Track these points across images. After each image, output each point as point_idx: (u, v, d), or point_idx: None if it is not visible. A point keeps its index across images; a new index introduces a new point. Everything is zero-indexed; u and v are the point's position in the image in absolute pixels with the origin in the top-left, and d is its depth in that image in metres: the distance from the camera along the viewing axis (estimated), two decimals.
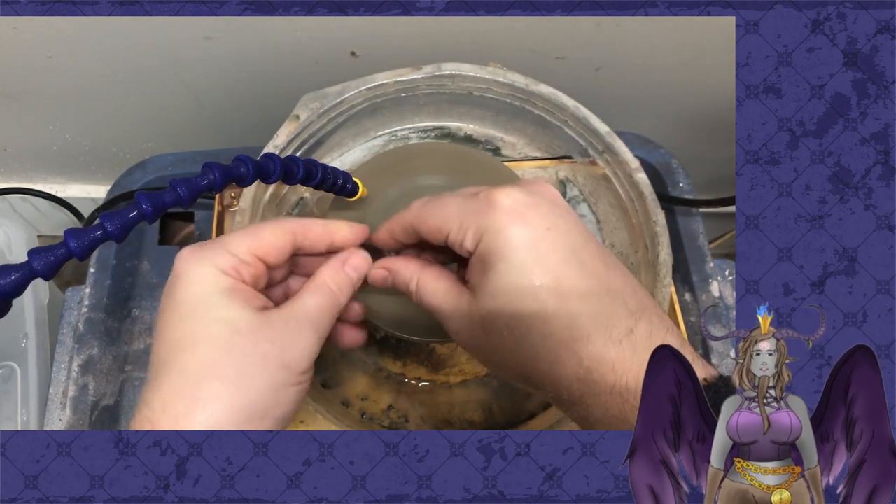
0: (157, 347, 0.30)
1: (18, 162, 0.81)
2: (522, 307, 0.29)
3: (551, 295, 0.29)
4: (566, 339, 0.29)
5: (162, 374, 0.29)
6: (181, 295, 0.30)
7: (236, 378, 0.29)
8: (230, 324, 0.29)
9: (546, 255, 0.29)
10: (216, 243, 0.31)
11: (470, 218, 0.31)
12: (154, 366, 0.30)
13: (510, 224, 0.30)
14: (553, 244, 0.30)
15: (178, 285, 0.30)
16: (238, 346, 0.29)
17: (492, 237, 0.30)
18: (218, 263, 0.31)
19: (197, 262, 0.30)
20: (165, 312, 0.30)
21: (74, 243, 0.27)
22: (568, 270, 0.29)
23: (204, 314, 0.30)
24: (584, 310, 0.29)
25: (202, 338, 0.29)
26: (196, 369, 0.29)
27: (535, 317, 0.29)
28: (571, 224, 0.31)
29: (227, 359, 0.29)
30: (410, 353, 0.48)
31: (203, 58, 0.61)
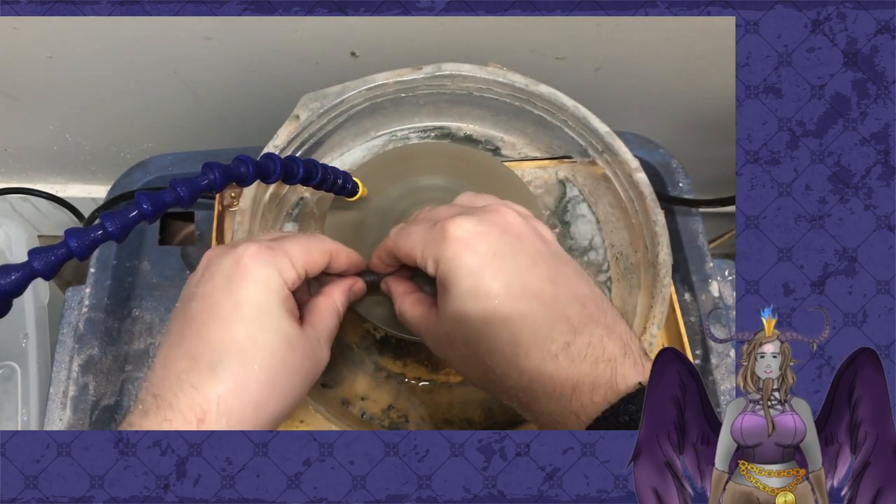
0: (213, 337, 0.31)
1: (19, 162, 0.81)
2: (472, 327, 0.33)
3: (495, 316, 0.32)
4: (509, 355, 0.32)
5: (220, 369, 0.30)
6: (247, 294, 0.32)
7: (282, 388, 0.32)
8: (286, 338, 0.32)
9: (490, 280, 0.33)
10: (281, 251, 0.33)
11: (429, 248, 0.34)
12: (207, 355, 0.31)
13: (459, 253, 0.33)
14: (497, 269, 0.33)
15: (244, 283, 0.32)
16: (290, 360, 0.32)
17: (445, 265, 0.33)
18: (284, 275, 0.33)
19: (266, 266, 0.32)
20: (224, 303, 0.31)
21: (75, 243, 0.27)
22: (510, 293, 0.32)
23: (267, 323, 0.32)
24: (524, 328, 0.32)
25: (264, 347, 0.31)
26: (254, 375, 0.31)
27: (482, 335, 0.33)
28: (519, 249, 0.34)
29: (280, 370, 0.32)
30: (410, 353, 0.48)
31: (203, 58, 0.61)
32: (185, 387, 0.30)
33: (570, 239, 0.52)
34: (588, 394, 0.30)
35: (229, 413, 0.30)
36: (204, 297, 0.32)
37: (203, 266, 0.34)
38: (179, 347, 0.31)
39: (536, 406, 0.32)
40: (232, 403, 0.30)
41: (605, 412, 0.29)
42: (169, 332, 0.33)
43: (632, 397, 0.29)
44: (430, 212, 0.38)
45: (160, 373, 0.31)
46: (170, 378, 0.30)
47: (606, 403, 0.29)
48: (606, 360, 0.31)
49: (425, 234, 0.35)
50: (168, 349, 0.32)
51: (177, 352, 0.31)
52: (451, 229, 0.33)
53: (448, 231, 0.33)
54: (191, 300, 0.32)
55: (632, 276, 0.49)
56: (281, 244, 0.34)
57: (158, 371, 0.31)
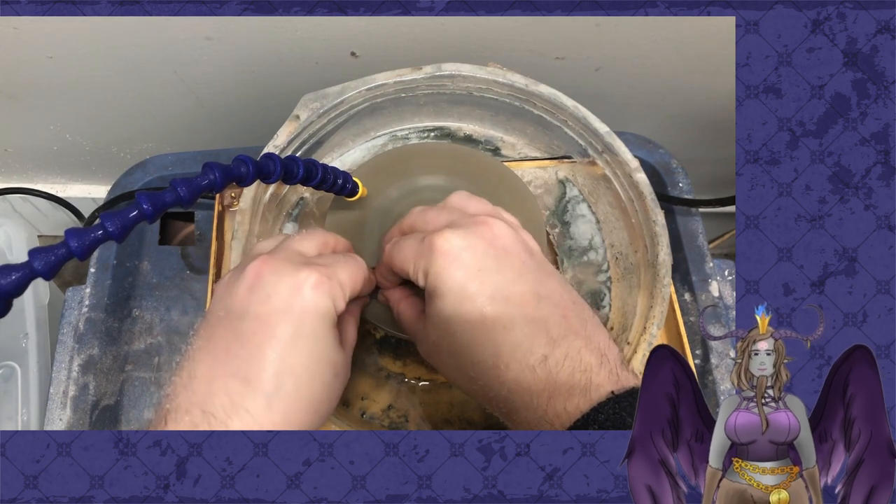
0: (267, 362, 0.31)
1: (19, 162, 0.81)
2: (456, 338, 0.34)
3: (479, 328, 0.33)
4: (491, 366, 0.33)
5: (278, 398, 0.31)
6: (308, 327, 0.32)
7: (325, 410, 0.34)
8: (334, 367, 0.34)
9: (475, 293, 0.33)
10: (336, 282, 0.34)
11: (419, 261, 0.35)
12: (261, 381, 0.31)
13: (446, 267, 0.34)
14: (482, 283, 0.34)
15: (308, 315, 0.32)
16: (333, 386, 0.34)
17: (433, 278, 0.34)
18: (337, 305, 0.34)
19: (326, 299, 0.33)
20: (283, 330, 0.32)
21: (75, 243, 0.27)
22: (493, 306, 0.33)
23: (321, 355, 0.33)
24: (505, 341, 0.33)
25: (317, 377, 0.32)
26: (306, 405, 0.32)
27: (465, 346, 0.34)
28: (504, 262, 0.35)
29: (325, 396, 0.33)
30: (410, 353, 0.48)
31: (203, 58, 0.61)
32: (240, 411, 0.30)
33: (569, 239, 0.52)
34: (562, 403, 0.31)
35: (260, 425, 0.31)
36: (259, 318, 0.32)
37: (253, 280, 0.33)
38: (229, 365, 0.31)
39: (515, 415, 0.33)
40: (281, 425, 0.31)
41: (577, 421, 0.30)
42: (213, 342, 0.32)
43: (602, 406, 0.30)
44: (420, 215, 0.39)
45: (206, 386, 0.31)
46: (220, 396, 0.30)
47: (579, 413, 0.30)
48: (582, 370, 0.32)
49: (415, 247, 0.36)
50: (214, 363, 0.31)
51: (226, 368, 0.31)
52: (439, 243, 0.34)
53: (436, 245, 0.34)
54: (242, 317, 0.32)
55: (631, 276, 0.49)
56: (335, 272, 0.34)
57: (203, 383, 0.31)
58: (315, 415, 0.33)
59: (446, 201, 0.40)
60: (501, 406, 0.34)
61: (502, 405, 0.33)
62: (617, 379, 0.32)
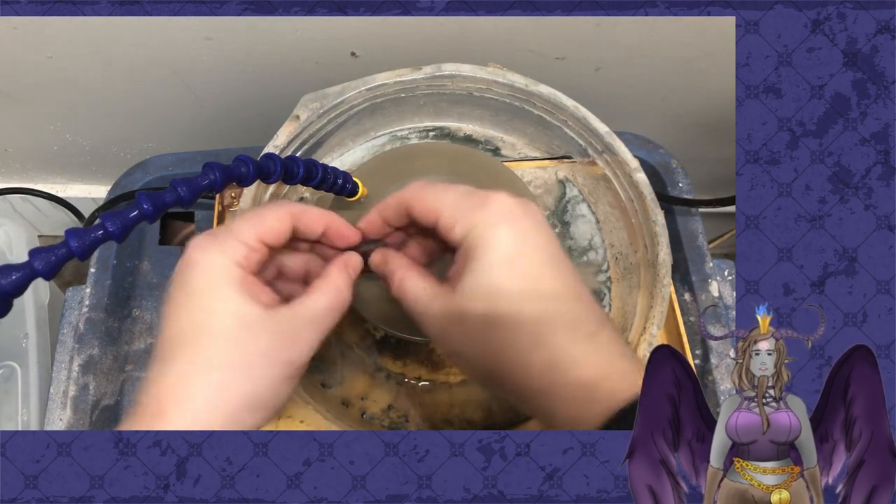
0: (167, 332, 0.31)
1: (19, 162, 0.81)
2: (499, 298, 0.31)
3: (527, 290, 0.31)
4: (536, 332, 0.31)
5: (170, 361, 0.30)
6: (194, 283, 0.31)
7: (242, 369, 0.30)
8: (239, 318, 0.30)
9: (527, 256, 0.32)
10: (226, 232, 0.32)
11: (462, 210, 0.33)
12: (161, 350, 0.31)
13: (500, 223, 0.32)
14: (535, 248, 0.32)
15: (191, 273, 0.31)
16: (244, 340, 0.30)
17: (480, 231, 0.32)
18: (229, 254, 0.31)
19: (209, 252, 0.31)
20: (177, 298, 0.31)
21: (75, 243, 0.27)
22: (544, 273, 0.32)
23: (215, 306, 0.30)
24: (555, 309, 0.31)
25: (212, 329, 0.30)
26: (205, 358, 0.30)
27: (509, 306, 0.31)
28: (552, 240, 0.33)
29: (234, 351, 0.30)
30: (410, 353, 0.48)
31: (203, 58, 0.61)
32: (148, 384, 0.30)
33: (569, 239, 0.52)
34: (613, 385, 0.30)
35: (186, 400, 0.29)
36: (167, 300, 0.32)
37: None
38: (154, 353, 0.31)
39: (556, 389, 0.30)
40: (187, 390, 0.29)
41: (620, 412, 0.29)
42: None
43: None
44: (430, 185, 0.35)
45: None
46: (144, 382, 0.31)
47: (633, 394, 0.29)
48: (625, 354, 0.31)
49: (461, 196, 0.33)
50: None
51: (153, 357, 0.31)
52: (495, 199, 0.32)
53: (490, 199, 0.32)
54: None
55: (631, 276, 0.49)
56: (227, 224, 0.33)
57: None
58: (231, 370, 0.30)
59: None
60: (540, 380, 0.31)
61: (542, 379, 0.31)
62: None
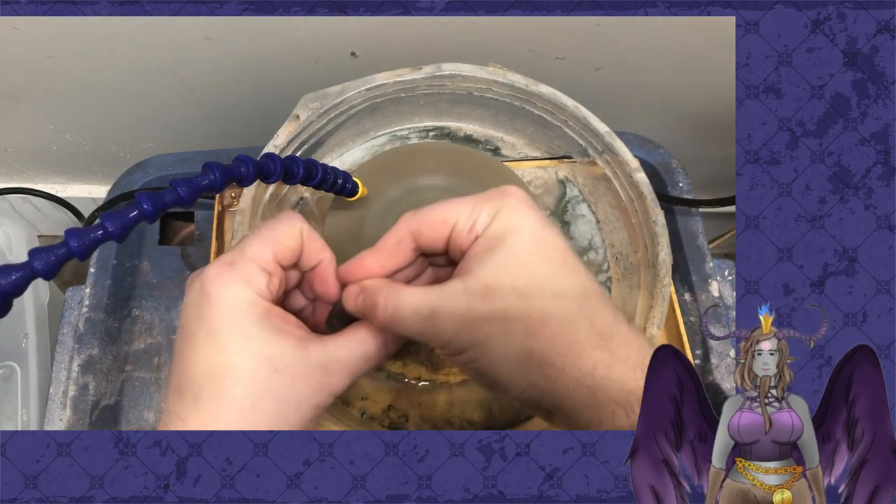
0: (189, 368, 0.30)
1: (19, 162, 0.81)
2: (533, 268, 0.30)
3: (562, 262, 0.31)
4: (580, 303, 0.30)
5: (202, 400, 0.29)
6: (217, 320, 0.29)
7: (275, 415, 0.30)
8: (269, 361, 0.29)
9: (552, 238, 0.32)
10: (243, 259, 0.31)
11: (482, 203, 0.32)
12: (184, 386, 0.30)
13: (522, 208, 0.32)
14: (556, 234, 0.32)
15: (211, 309, 0.30)
16: (277, 385, 0.30)
17: (506, 216, 0.31)
18: (253, 285, 0.30)
19: (231, 286, 0.30)
20: (199, 334, 0.30)
21: (75, 243, 0.27)
22: (571, 254, 0.32)
23: (244, 348, 0.29)
24: (593, 285, 0.31)
25: (244, 373, 0.29)
26: (239, 404, 0.29)
27: (546, 277, 0.30)
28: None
29: (267, 397, 0.29)
30: (410, 353, 0.48)
31: (203, 58, 0.61)
32: (174, 419, 0.29)
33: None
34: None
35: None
36: (182, 329, 0.31)
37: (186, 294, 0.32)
38: (170, 381, 0.31)
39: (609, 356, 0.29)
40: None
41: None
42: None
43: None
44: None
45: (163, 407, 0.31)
46: (166, 411, 0.30)
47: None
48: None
49: (472, 198, 0.32)
50: (166, 383, 0.32)
51: (168, 386, 0.31)
52: (514, 189, 0.32)
53: (509, 189, 0.32)
54: (177, 332, 0.31)
55: (632, 276, 0.49)
56: (241, 250, 0.31)
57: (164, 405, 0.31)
58: (259, 416, 0.29)
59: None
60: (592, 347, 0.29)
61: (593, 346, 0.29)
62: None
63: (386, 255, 0.33)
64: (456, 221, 0.32)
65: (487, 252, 0.31)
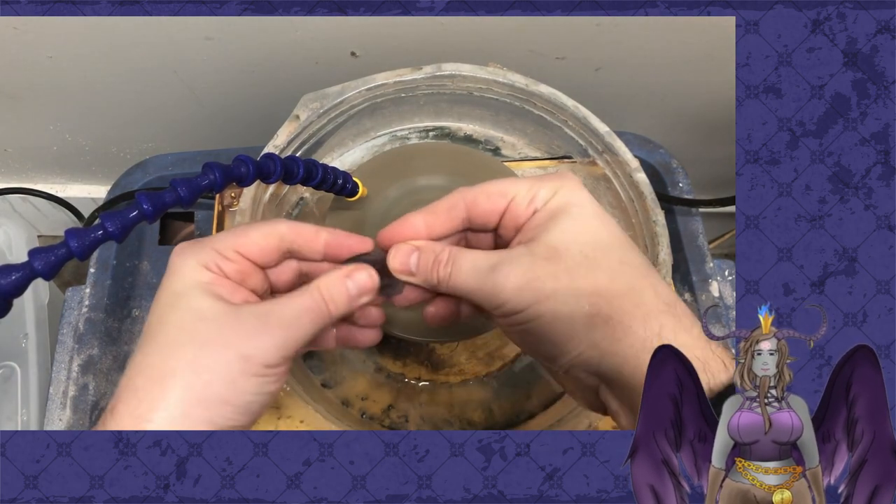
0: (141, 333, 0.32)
1: (18, 162, 0.81)
2: (600, 237, 0.31)
3: (624, 237, 0.32)
4: (644, 272, 0.31)
5: (135, 356, 0.30)
6: (164, 284, 0.32)
7: (194, 360, 0.29)
8: (196, 311, 0.30)
9: (611, 218, 0.32)
10: (204, 240, 0.33)
11: (540, 183, 0.32)
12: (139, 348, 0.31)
13: (582, 188, 0.32)
14: (611, 216, 0.33)
15: (165, 276, 0.32)
16: (200, 331, 0.30)
17: (567, 192, 0.32)
18: (200, 259, 0.32)
19: (182, 257, 0.32)
20: (155, 300, 0.32)
21: (75, 243, 0.27)
22: (627, 236, 0.32)
23: (178, 302, 0.31)
24: (651, 264, 0.32)
25: (170, 321, 0.30)
26: (159, 349, 0.30)
27: (612, 246, 0.31)
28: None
29: (188, 342, 0.30)
30: (410, 353, 0.48)
31: (203, 58, 0.61)
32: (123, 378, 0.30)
33: None
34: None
35: (135, 390, 0.29)
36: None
37: None
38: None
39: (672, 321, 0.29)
40: (137, 381, 0.29)
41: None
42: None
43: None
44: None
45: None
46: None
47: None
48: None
49: (535, 177, 0.33)
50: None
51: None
52: (571, 175, 0.33)
53: (568, 174, 0.33)
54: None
55: None
56: (212, 236, 0.33)
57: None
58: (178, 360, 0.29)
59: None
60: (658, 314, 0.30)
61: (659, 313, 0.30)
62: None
63: (434, 217, 0.34)
64: (515, 194, 0.32)
65: (550, 220, 0.31)
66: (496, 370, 0.49)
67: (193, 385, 0.29)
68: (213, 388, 0.29)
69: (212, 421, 0.29)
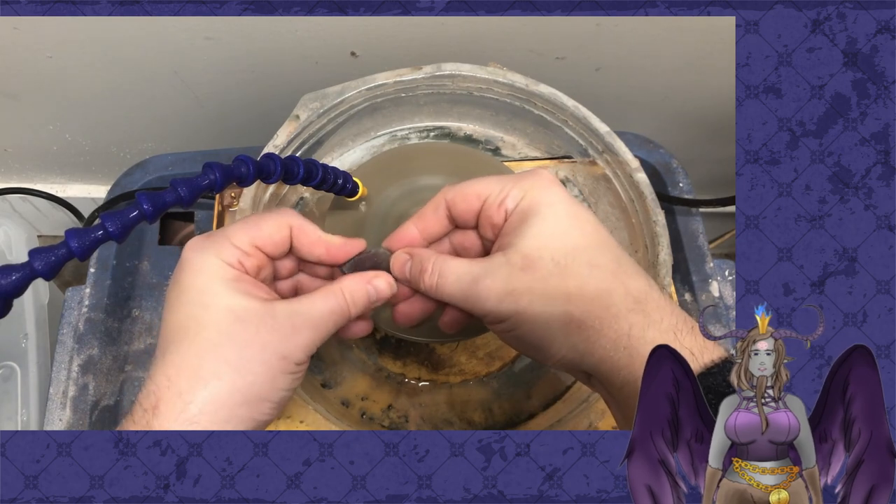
0: (163, 330, 0.31)
1: (18, 162, 0.81)
2: (569, 241, 0.32)
3: (595, 235, 0.32)
4: (614, 271, 0.32)
5: (168, 353, 0.30)
6: (187, 281, 0.31)
7: (237, 361, 0.30)
8: (231, 311, 0.31)
9: (584, 212, 0.33)
10: (220, 235, 0.33)
11: (511, 183, 0.33)
12: (160, 347, 0.31)
13: (553, 185, 0.33)
14: (586, 208, 0.33)
15: (185, 272, 0.32)
16: (239, 332, 0.31)
17: (537, 192, 0.33)
18: (222, 255, 0.32)
19: (202, 252, 0.32)
20: (172, 296, 0.32)
21: (75, 243, 0.27)
22: (602, 228, 0.33)
23: (209, 301, 0.31)
24: (625, 255, 0.33)
25: (206, 322, 0.30)
26: (200, 350, 0.30)
27: (581, 249, 0.32)
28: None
29: (228, 343, 0.30)
30: (410, 353, 0.49)
31: (203, 58, 0.61)
32: (147, 382, 0.30)
33: None
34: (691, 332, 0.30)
35: (179, 393, 0.29)
36: (165, 302, 0.32)
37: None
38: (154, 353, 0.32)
39: (643, 318, 0.31)
40: (181, 383, 0.29)
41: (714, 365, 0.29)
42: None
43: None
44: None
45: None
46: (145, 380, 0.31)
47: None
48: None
49: (503, 177, 0.34)
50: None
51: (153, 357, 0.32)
52: (544, 172, 0.34)
53: (540, 172, 0.34)
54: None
55: None
56: (223, 229, 0.33)
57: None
58: (222, 362, 0.30)
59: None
60: (628, 314, 0.31)
61: (629, 314, 0.31)
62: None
63: (424, 221, 0.36)
64: (488, 196, 0.34)
65: (522, 224, 0.32)
66: (496, 370, 0.49)
67: (239, 386, 0.30)
68: (255, 388, 0.30)
69: (254, 419, 0.31)
